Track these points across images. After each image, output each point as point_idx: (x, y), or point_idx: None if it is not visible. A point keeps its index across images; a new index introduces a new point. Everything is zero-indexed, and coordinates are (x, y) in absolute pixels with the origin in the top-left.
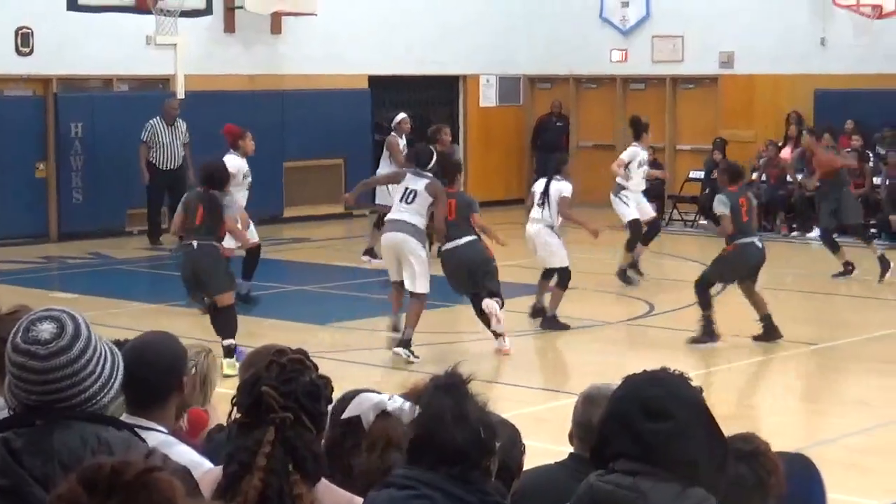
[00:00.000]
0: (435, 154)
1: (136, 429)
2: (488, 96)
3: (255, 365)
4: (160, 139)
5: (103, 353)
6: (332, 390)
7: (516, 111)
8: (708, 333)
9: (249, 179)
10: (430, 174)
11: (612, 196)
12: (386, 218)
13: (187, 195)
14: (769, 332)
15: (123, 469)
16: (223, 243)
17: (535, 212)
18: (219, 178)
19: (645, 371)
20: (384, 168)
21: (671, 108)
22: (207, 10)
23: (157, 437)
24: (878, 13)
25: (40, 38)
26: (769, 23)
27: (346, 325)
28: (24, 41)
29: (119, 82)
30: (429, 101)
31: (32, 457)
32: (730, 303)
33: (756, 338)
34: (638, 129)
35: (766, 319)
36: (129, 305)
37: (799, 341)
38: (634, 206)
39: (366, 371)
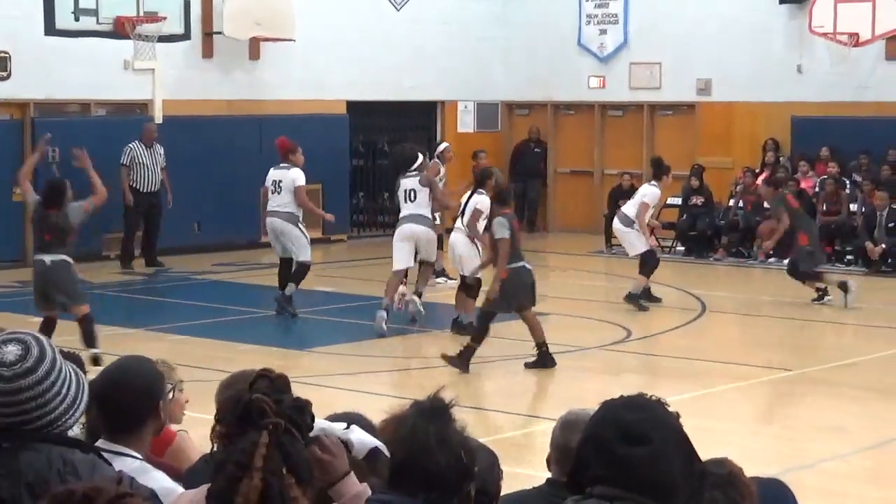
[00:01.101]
0: (419, 155)
1: (111, 454)
2: (466, 122)
3: (235, 386)
4: (140, 161)
5: (68, 376)
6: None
7: (494, 137)
8: (465, 362)
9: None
10: (416, 171)
11: (621, 227)
12: (400, 216)
13: (34, 215)
14: (543, 360)
15: (95, 495)
16: None
17: (458, 222)
18: (56, 197)
19: (622, 396)
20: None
21: (649, 135)
22: (185, 36)
23: (132, 464)
24: (855, 41)
25: (18, 63)
26: (746, 50)
27: (325, 350)
28: (1, 65)
29: (97, 107)
30: (407, 126)
31: None
32: (711, 330)
33: (528, 365)
34: (660, 171)
35: (542, 346)
36: (103, 330)
37: (774, 367)
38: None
39: (347, 396)
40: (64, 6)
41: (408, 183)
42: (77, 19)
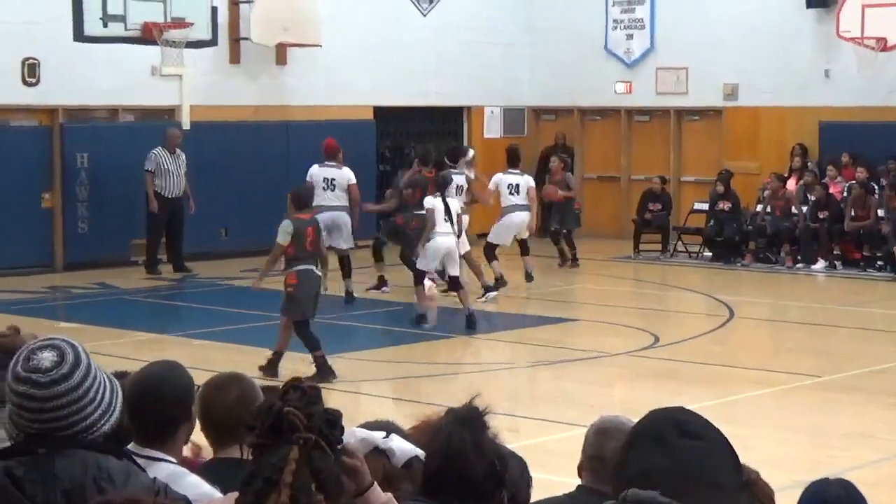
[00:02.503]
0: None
1: (146, 459)
2: (493, 127)
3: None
4: (164, 167)
5: (103, 382)
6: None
7: (521, 142)
8: (325, 372)
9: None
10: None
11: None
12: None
13: None
14: (323, 372)
15: None
16: None
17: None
18: None
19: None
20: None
21: (675, 140)
22: (213, 42)
23: (167, 468)
24: (882, 45)
25: (47, 69)
26: (773, 55)
27: (352, 355)
28: (30, 71)
29: (124, 113)
30: (433, 132)
31: (34, 485)
32: (739, 336)
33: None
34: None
35: (321, 359)
36: (131, 335)
37: (803, 373)
38: None
39: (375, 402)
40: (92, 12)
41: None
42: (105, 25)
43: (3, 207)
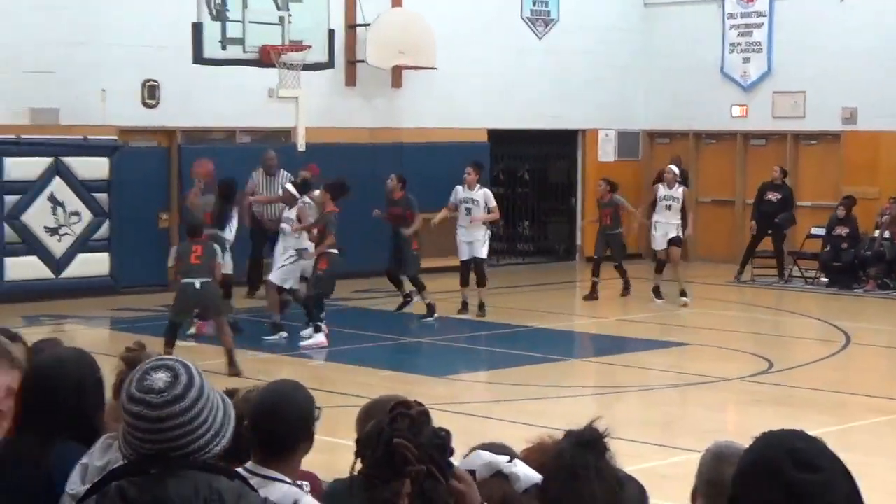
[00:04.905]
0: None
1: (264, 479)
2: (607, 151)
3: (375, 416)
4: (260, 190)
5: (216, 403)
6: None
7: (635, 166)
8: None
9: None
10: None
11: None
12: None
13: None
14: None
15: None
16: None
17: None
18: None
19: (781, 429)
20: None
21: (792, 165)
22: (329, 64)
23: (282, 489)
24: None
25: (166, 91)
26: (893, 78)
27: (462, 377)
28: (150, 93)
29: (241, 134)
30: (548, 155)
31: None
32: (855, 362)
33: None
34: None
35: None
36: (247, 354)
37: None
38: None
39: (482, 424)
40: (212, 35)
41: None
42: (224, 48)
43: (122, 227)
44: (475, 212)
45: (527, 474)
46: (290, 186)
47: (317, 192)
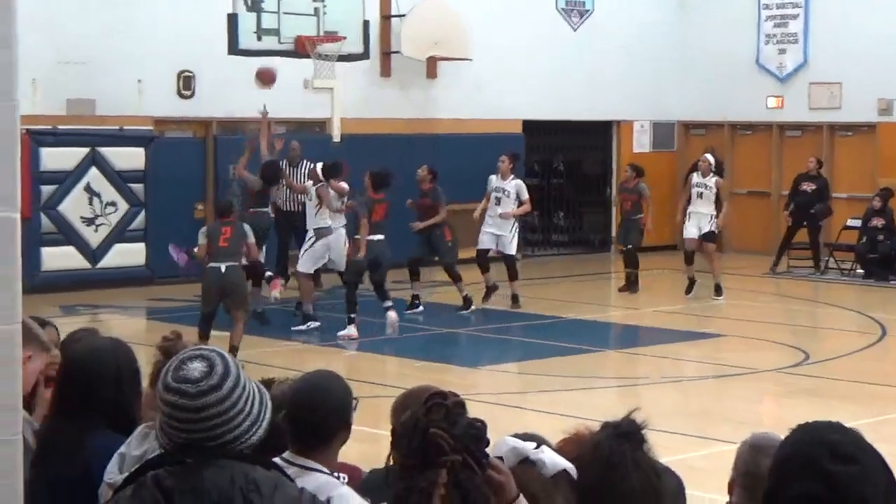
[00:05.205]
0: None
1: (301, 469)
2: (642, 142)
3: (410, 406)
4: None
5: (252, 392)
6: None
7: (670, 157)
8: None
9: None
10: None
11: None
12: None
13: None
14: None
15: None
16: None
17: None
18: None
19: (818, 420)
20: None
21: (828, 156)
22: (364, 55)
23: (319, 479)
24: None
25: (202, 82)
26: None
27: (497, 368)
28: (185, 84)
29: (276, 125)
30: (582, 146)
31: (183, 495)
32: (892, 354)
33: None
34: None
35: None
36: (282, 344)
37: None
38: None
39: (517, 415)
40: (247, 26)
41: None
42: (259, 39)
43: (158, 217)
44: (505, 203)
45: (554, 460)
46: (318, 166)
47: (343, 184)
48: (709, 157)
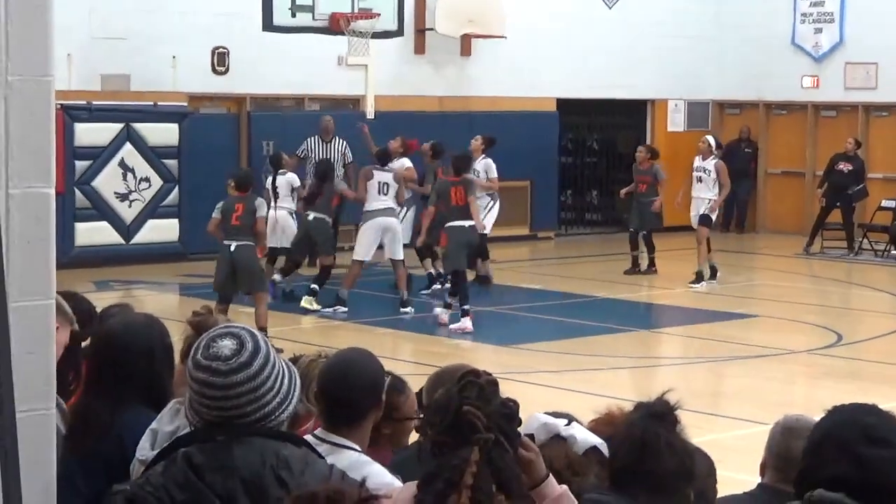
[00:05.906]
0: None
1: (333, 446)
2: (676, 121)
3: (444, 384)
4: (315, 156)
5: (281, 370)
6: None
7: (704, 136)
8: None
9: None
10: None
11: None
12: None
13: None
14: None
15: (338, 499)
16: None
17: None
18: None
19: (852, 403)
20: None
21: (864, 136)
22: (399, 32)
23: (350, 456)
24: None
25: (236, 58)
26: None
27: (530, 347)
28: (220, 60)
29: (310, 102)
30: (617, 125)
31: (213, 472)
32: None
33: None
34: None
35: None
36: (313, 322)
37: None
38: None
39: (550, 394)
40: (281, 3)
41: (382, 176)
42: (294, 15)
43: (192, 193)
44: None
45: (584, 437)
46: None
47: (396, 164)
48: (709, 138)
